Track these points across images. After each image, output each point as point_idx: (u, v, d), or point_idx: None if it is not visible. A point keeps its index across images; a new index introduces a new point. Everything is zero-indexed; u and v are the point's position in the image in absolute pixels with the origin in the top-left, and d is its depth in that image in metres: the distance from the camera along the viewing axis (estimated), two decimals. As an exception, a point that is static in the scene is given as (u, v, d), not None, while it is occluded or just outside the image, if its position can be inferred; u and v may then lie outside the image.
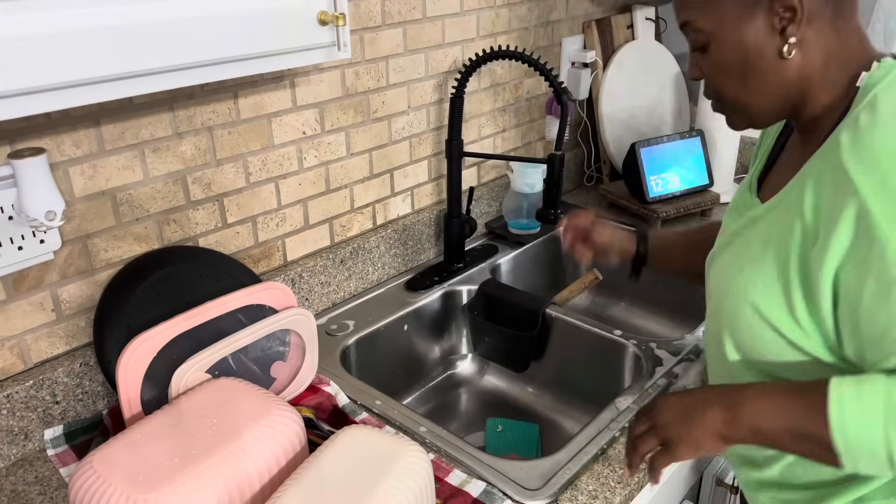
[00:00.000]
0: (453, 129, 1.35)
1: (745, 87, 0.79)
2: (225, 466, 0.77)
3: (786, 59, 0.75)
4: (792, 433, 0.73)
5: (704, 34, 0.78)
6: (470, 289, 1.40)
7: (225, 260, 1.11)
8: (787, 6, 0.72)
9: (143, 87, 0.76)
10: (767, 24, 0.74)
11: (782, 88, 0.77)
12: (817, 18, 0.73)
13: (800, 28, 0.73)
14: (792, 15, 0.72)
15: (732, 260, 0.84)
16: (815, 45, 0.74)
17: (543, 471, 0.93)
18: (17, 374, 0.97)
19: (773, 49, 0.75)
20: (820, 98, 0.77)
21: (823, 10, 0.73)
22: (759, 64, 0.76)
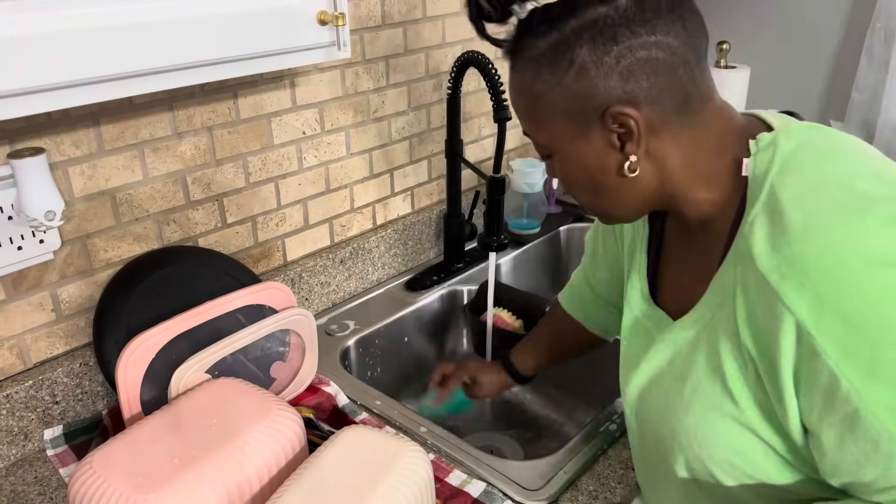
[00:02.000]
0: (452, 129, 1.35)
1: (600, 198, 0.72)
2: (225, 466, 0.77)
3: (633, 175, 0.67)
4: None
5: (544, 147, 0.71)
6: (470, 289, 1.40)
7: (225, 260, 1.11)
8: (621, 123, 0.64)
9: (143, 87, 0.76)
10: (604, 141, 0.66)
11: (641, 198, 0.70)
12: (662, 127, 0.65)
13: (640, 144, 0.65)
14: (628, 132, 0.64)
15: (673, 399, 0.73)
16: (668, 153, 0.66)
17: (543, 471, 0.93)
18: (16, 374, 0.97)
19: (615, 165, 0.67)
20: (700, 197, 0.68)
21: (666, 117, 0.64)
22: (606, 180, 0.69)
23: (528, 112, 0.70)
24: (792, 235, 0.59)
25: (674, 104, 0.64)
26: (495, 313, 1.32)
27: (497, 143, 1.19)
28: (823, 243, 0.57)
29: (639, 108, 0.63)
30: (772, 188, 0.62)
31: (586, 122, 0.66)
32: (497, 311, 1.32)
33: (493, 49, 0.75)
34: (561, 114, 0.66)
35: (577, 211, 1.72)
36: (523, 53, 0.67)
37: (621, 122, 0.64)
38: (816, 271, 0.57)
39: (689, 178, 0.67)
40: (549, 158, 0.72)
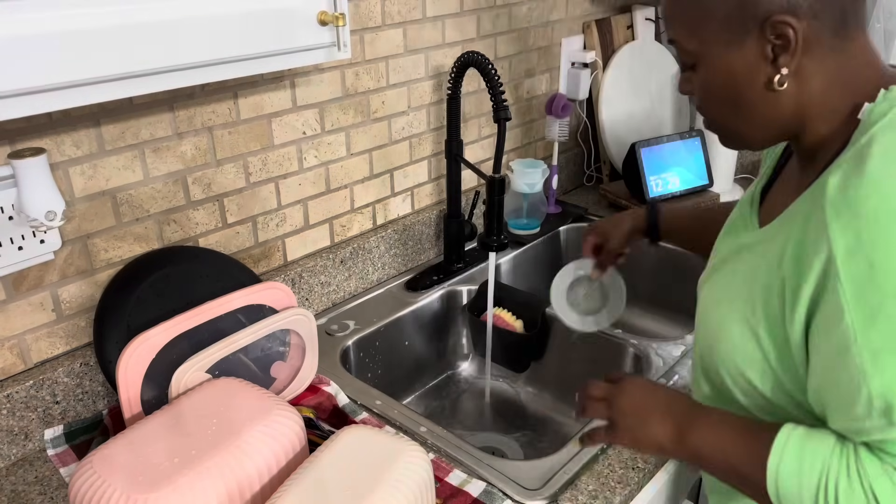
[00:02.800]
0: (452, 130, 1.35)
1: (734, 114, 0.72)
2: (225, 466, 0.77)
3: (778, 90, 0.67)
4: (730, 469, 0.73)
5: (691, 55, 0.71)
6: (470, 289, 1.40)
7: (225, 260, 1.11)
8: (780, 34, 0.64)
9: (143, 87, 0.76)
10: (758, 51, 0.66)
11: (775, 119, 0.71)
12: (815, 45, 0.65)
13: (794, 58, 0.65)
14: (785, 43, 0.64)
15: (718, 289, 0.81)
16: (813, 74, 0.67)
17: (543, 471, 0.93)
18: (17, 374, 0.97)
19: (764, 78, 0.67)
20: (818, 128, 0.70)
21: (822, 36, 0.65)
22: (749, 93, 0.69)
23: (684, 14, 0.70)
24: (864, 179, 0.61)
25: (832, 23, 0.64)
26: (495, 313, 1.32)
27: (497, 143, 1.19)
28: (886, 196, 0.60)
29: (800, 20, 0.63)
30: (871, 137, 0.63)
31: (744, 30, 0.65)
32: (497, 311, 1.33)
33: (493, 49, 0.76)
34: (719, 18, 0.66)
35: (577, 211, 1.72)
36: None
37: (780, 33, 0.64)
38: (865, 217, 0.60)
39: (817, 108, 0.69)
40: (691, 70, 0.73)
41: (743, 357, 0.74)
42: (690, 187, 1.70)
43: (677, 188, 1.69)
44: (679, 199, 1.68)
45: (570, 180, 1.89)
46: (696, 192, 1.71)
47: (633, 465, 0.94)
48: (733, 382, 0.78)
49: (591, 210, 1.75)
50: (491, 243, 1.24)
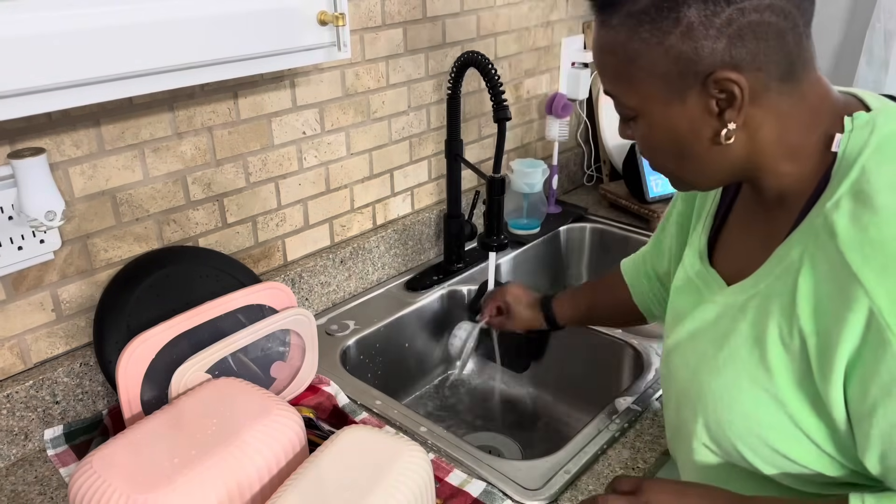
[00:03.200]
0: (452, 130, 1.35)
1: (680, 165, 0.69)
2: (225, 466, 0.77)
3: (726, 144, 0.64)
4: None
5: (630, 109, 0.68)
6: (470, 289, 1.40)
7: (225, 260, 1.11)
8: (723, 89, 0.61)
9: (143, 87, 0.76)
10: (702, 106, 0.63)
11: (724, 168, 0.67)
12: (763, 95, 0.62)
13: (740, 112, 0.62)
14: (731, 98, 0.61)
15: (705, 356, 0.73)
16: (763, 122, 0.64)
17: (543, 471, 0.93)
18: (17, 374, 0.97)
19: (710, 133, 0.64)
20: (783, 169, 0.66)
21: (769, 84, 0.62)
22: (695, 147, 0.66)
23: (618, 72, 0.66)
24: (883, 217, 0.57)
25: (778, 71, 0.61)
26: None
27: (497, 143, 1.19)
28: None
29: (744, 74, 0.60)
30: (864, 170, 0.60)
31: (685, 86, 0.62)
32: None
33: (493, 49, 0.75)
34: (657, 76, 0.63)
35: (577, 211, 1.72)
36: (620, 9, 0.63)
37: (724, 88, 0.61)
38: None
39: (777, 150, 0.65)
40: (632, 121, 0.69)
41: (765, 426, 0.67)
42: (690, 187, 1.70)
43: (677, 188, 1.68)
44: (679, 199, 1.68)
45: (570, 180, 1.89)
46: (696, 192, 1.71)
47: (633, 465, 0.94)
48: (755, 453, 0.69)
49: (591, 210, 1.75)
50: (491, 243, 1.24)
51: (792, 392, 0.64)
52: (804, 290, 0.62)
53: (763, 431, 0.67)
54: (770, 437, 0.67)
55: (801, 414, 0.64)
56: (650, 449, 0.97)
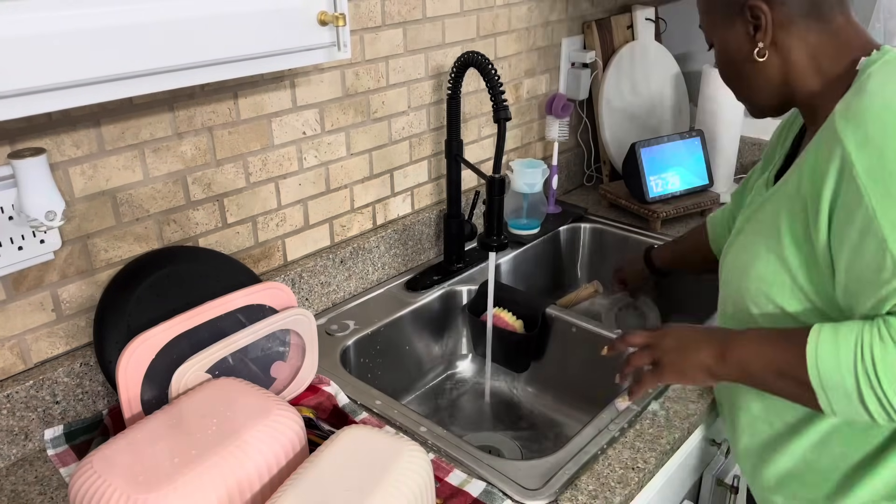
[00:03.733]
0: (452, 130, 1.35)
1: (740, 83, 0.90)
2: (225, 466, 0.77)
3: (762, 61, 0.84)
4: (774, 371, 0.80)
5: (707, 34, 0.91)
6: (470, 289, 1.40)
7: (225, 260, 1.11)
8: (755, 15, 0.82)
9: (143, 87, 0.76)
10: (743, 30, 0.85)
11: (768, 85, 0.86)
12: (790, 24, 0.81)
13: (767, 34, 0.82)
14: (758, 23, 0.82)
15: (741, 243, 0.91)
16: (794, 46, 0.82)
17: (543, 471, 0.93)
18: (17, 374, 0.97)
19: (750, 51, 0.85)
20: (810, 85, 0.84)
21: (792, 16, 0.81)
22: (743, 65, 0.87)
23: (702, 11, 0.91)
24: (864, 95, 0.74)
25: (801, 7, 0.81)
26: (495, 313, 1.32)
27: (497, 143, 1.19)
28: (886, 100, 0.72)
29: (770, 4, 0.81)
30: (869, 75, 0.76)
31: (732, 14, 0.85)
32: (497, 311, 1.33)
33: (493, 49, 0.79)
34: (717, 10, 0.87)
35: (577, 211, 1.72)
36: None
37: (755, 15, 0.82)
38: (872, 116, 0.72)
39: (806, 70, 0.83)
40: (712, 48, 0.92)
41: (771, 284, 0.84)
42: (690, 187, 1.70)
43: (677, 188, 1.69)
44: (679, 199, 1.68)
45: (570, 180, 1.89)
46: (696, 192, 1.71)
47: (633, 465, 0.94)
48: (761, 312, 0.86)
49: (591, 210, 1.75)
50: (491, 243, 1.24)
51: (791, 250, 0.81)
52: (808, 162, 0.78)
53: (768, 289, 0.84)
54: (773, 293, 0.84)
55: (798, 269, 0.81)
56: (650, 449, 0.97)
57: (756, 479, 0.98)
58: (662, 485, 1.07)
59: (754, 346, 0.82)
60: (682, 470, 1.14)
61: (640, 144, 1.64)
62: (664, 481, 1.07)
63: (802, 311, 0.83)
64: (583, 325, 1.28)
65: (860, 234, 0.72)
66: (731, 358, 0.84)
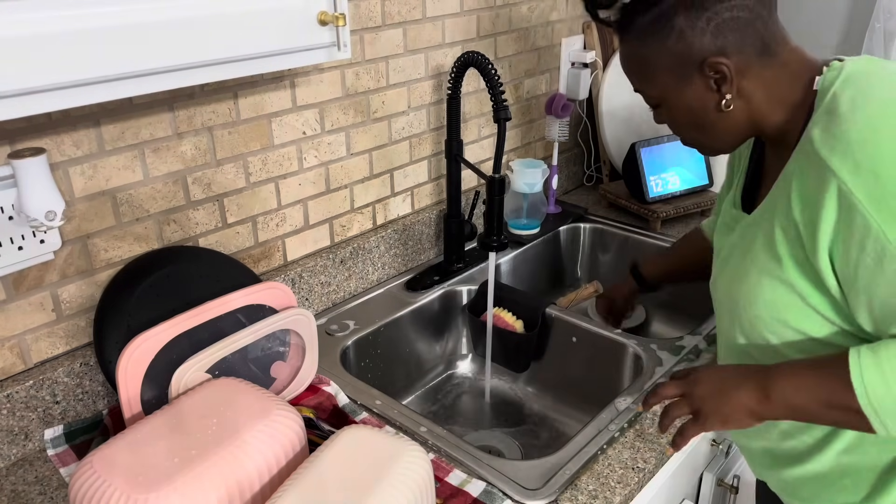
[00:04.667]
0: (452, 130, 1.35)
1: (701, 134, 0.88)
2: (225, 466, 0.77)
3: (728, 111, 0.83)
4: (821, 403, 0.77)
5: (654, 98, 0.87)
6: (470, 289, 1.40)
7: (225, 260, 1.11)
8: (716, 70, 0.80)
9: (143, 87, 0.76)
10: (704, 85, 0.82)
11: (735, 129, 0.85)
12: (748, 68, 0.80)
13: (733, 84, 0.81)
14: (723, 76, 0.80)
15: (735, 270, 0.88)
16: (755, 90, 0.82)
17: (543, 471, 0.93)
18: (17, 374, 0.97)
19: (714, 104, 0.83)
20: (777, 118, 0.83)
21: (750, 60, 0.80)
22: (707, 117, 0.85)
23: (639, 73, 0.87)
24: (841, 118, 0.74)
25: (755, 50, 0.80)
26: (495, 313, 1.32)
27: (497, 143, 1.19)
28: (863, 121, 0.72)
29: (729, 57, 0.80)
30: (834, 94, 0.76)
31: (688, 73, 0.82)
32: (497, 311, 1.33)
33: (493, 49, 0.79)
34: (666, 70, 0.83)
35: (577, 211, 1.72)
36: (631, 28, 0.84)
37: (716, 69, 0.80)
38: (857, 142, 0.72)
39: (771, 106, 0.83)
40: (657, 108, 0.89)
41: (782, 308, 0.82)
42: (690, 187, 1.70)
43: (677, 188, 1.69)
44: (679, 199, 1.68)
45: (570, 180, 1.89)
46: (696, 192, 1.71)
47: (633, 465, 0.94)
48: (778, 337, 0.84)
49: (591, 210, 1.75)
50: (491, 243, 1.24)
51: (796, 274, 0.79)
52: (795, 190, 0.77)
53: (782, 314, 0.82)
54: (788, 318, 0.82)
55: (807, 291, 0.79)
56: (650, 449, 0.97)
57: (785, 488, 0.95)
58: (662, 485, 1.07)
59: (795, 381, 0.79)
60: (682, 470, 1.14)
61: (640, 144, 1.64)
62: (664, 481, 1.07)
63: (828, 333, 0.81)
64: (583, 325, 1.28)
65: (876, 260, 0.71)
66: (774, 397, 0.80)
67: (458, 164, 1.38)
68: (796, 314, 0.81)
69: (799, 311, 0.81)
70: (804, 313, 0.81)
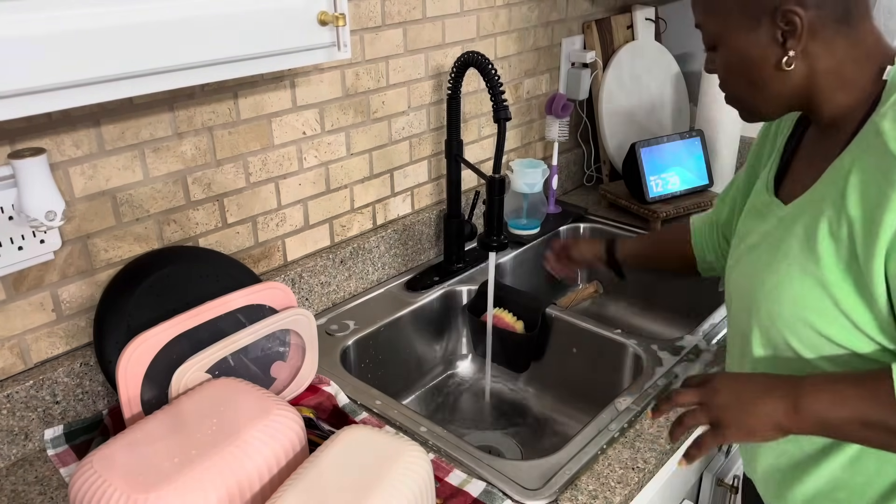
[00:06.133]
0: (452, 130, 1.35)
1: (750, 91, 0.80)
2: (225, 466, 0.77)
3: (787, 70, 0.75)
4: (858, 421, 0.72)
5: (713, 37, 0.80)
6: (470, 289, 1.40)
7: (225, 260, 1.11)
8: (788, 21, 0.73)
9: (143, 87, 0.76)
10: (769, 35, 0.75)
11: (786, 94, 0.78)
12: (821, 30, 0.73)
13: (800, 41, 0.74)
14: (793, 29, 0.73)
15: (761, 261, 0.83)
16: (822, 54, 0.75)
17: (543, 471, 0.93)
18: (17, 374, 0.97)
19: (775, 59, 0.76)
20: (837, 99, 0.77)
21: (826, 22, 0.73)
22: (762, 72, 0.77)
23: (708, 3, 0.79)
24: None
25: (834, 13, 0.73)
26: (495, 313, 1.32)
27: (497, 143, 1.19)
28: None
29: (806, 9, 0.72)
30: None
31: (758, 16, 0.75)
32: (497, 311, 1.33)
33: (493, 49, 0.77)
34: (737, 6, 0.76)
35: (577, 211, 1.72)
36: None
37: (788, 20, 0.73)
38: None
39: (833, 80, 0.76)
40: (713, 51, 0.82)
41: (809, 307, 0.76)
42: (690, 187, 1.70)
43: (677, 188, 1.69)
44: (679, 199, 1.68)
45: (570, 180, 1.89)
46: (697, 191, 1.71)
47: (633, 465, 0.94)
48: (799, 340, 0.78)
49: (591, 210, 1.75)
50: (491, 243, 1.24)
51: (837, 275, 0.73)
52: (853, 183, 0.71)
53: (808, 315, 0.76)
54: (813, 320, 0.76)
55: (843, 294, 0.73)
56: (650, 449, 0.97)
57: (781, 501, 0.91)
58: (662, 485, 1.07)
59: (829, 395, 0.73)
60: (682, 470, 1.14)
61: (640, 144, 1.64)
62: (664, 481, 1.07)
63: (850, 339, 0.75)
64: (583, 325, 1.28)
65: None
66: (805, 411, 0.74)
67: (458, 164, 1.38)
68: (823, 317, 0.75)
69: (827, 313, 0.75)
70: (832, 317, 0.75)
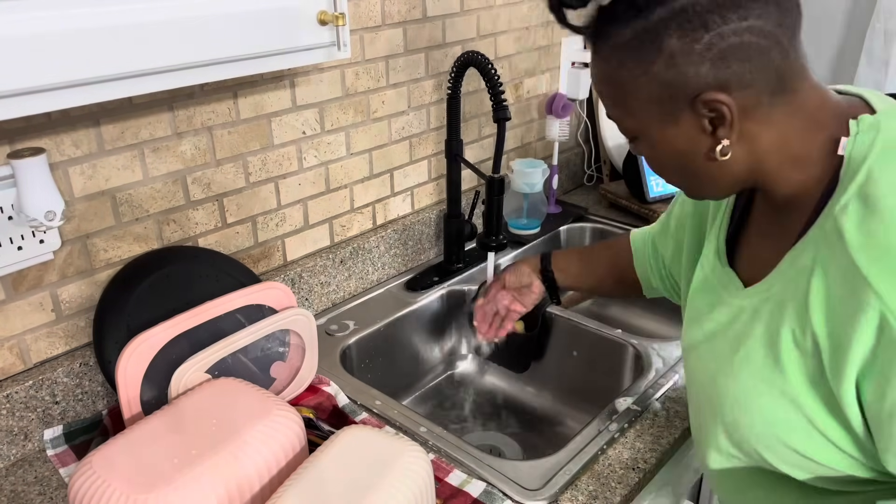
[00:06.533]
0: (452, 129, 1.35)
1: (687, 181, 0.72)
2: (225, 466, 0.77)
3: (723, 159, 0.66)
4: None
5: (629, 130, 0.71)
6: (470, 289, 1.40)
7: (225, 260, 1.11)
8: (713, 109, 0.63)
9: (143, 87, 0.76)
10: (695, 126, 0.65)
11: (730, 180, 0.69)
12: (755, 108, 0.63)
13: (733, 128, 0.64)
14: (721, 117, 0.63)
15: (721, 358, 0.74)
16: (762, 132, 0.65)
17: (543, 471, 0.93)
18: (16, 374, 0.97)
19: (706, 149, 0.66)
20: (790, 176, 0.67)
21: (760, 99, 0.63)
22: (696, 164, 0.68)
23: (614, 99, 0.69)
24: (882, 214, 0.58)
25: (767, 86, 0.62)
26: None
27: (497, 143, 1.19)
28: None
29: (731, 94, 0.62)
30: (870, 172, 0.60)
31: (675, 109, 0.64)
32: None
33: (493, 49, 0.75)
34: (648, 101, 0.65)
35: (577, 211, 1.72)
36: (607, 41, 0.65)
37: (713, 108, 0.63)
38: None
39: (780, 157, 0.66)
40: (635, 141, 0.71)
41: (783, 427, 0.68)
42: (690, 187, 1.70)
43: (677, 188, 1.68)
44: (679, 199, 1.68)
45: (570, 180, 1.89)
46: (696, 192, 1.71)
47: (634, 465, 0.94)
48: (776, 456, 0.70)
49: (592, 210, 1.75)
50: (490, 243, 1.24)
51: (806, 392, 0.65)
52: (816, 293, 0.62)
53: (782, 433, 0.68)
54: (789, 439, 0.68)
55: (817, 414, 0.65)
56: (650, 449, 0.97)
57: None
58: (662, 485, 1.07)
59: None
60: (682, 470, 1.13)
61: (640, 144, 1.64)
62: (664, 481, 1.07)
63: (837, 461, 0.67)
64: (583, 325, 1.28)
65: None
66: None
67: (458, 164, 1.38)
68: (800, 438, 0.67)
69: (804, 434, 0.66)
70: (810, 438, 0.66)
